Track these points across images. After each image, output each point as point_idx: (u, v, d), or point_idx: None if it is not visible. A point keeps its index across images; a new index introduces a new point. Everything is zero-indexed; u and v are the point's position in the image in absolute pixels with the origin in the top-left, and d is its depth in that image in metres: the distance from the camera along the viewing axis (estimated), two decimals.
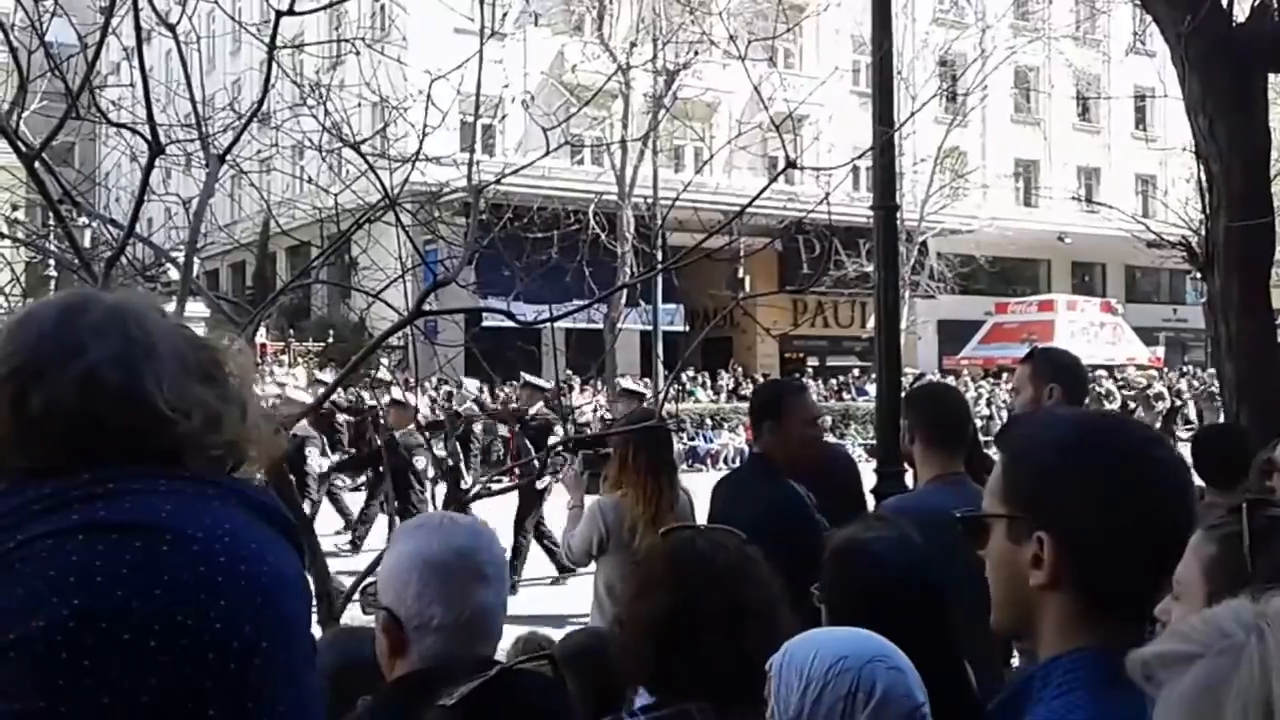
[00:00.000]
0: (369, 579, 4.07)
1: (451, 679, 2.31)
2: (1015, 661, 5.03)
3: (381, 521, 15.67)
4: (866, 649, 2.45)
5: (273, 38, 5.12)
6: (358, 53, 7.10)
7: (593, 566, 6.36)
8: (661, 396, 8.07)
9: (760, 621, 2.83)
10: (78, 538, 1.52)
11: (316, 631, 1.95)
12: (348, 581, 5.27)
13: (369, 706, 2.63)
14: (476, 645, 2.58)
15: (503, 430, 28.48)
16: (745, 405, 34.79)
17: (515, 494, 11.77)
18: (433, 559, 2.56)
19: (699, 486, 6.17)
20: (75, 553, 1.50)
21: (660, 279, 31.81)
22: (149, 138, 4.81)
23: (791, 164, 4.91)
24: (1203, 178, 8.06)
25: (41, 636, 1.44)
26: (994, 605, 2.08)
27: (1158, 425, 28.48)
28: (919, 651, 2.55)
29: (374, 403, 21.39)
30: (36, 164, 4.76)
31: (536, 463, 12.92)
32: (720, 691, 2.76)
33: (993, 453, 2.39)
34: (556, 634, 4.63)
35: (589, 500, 6.55)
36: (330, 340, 29.67)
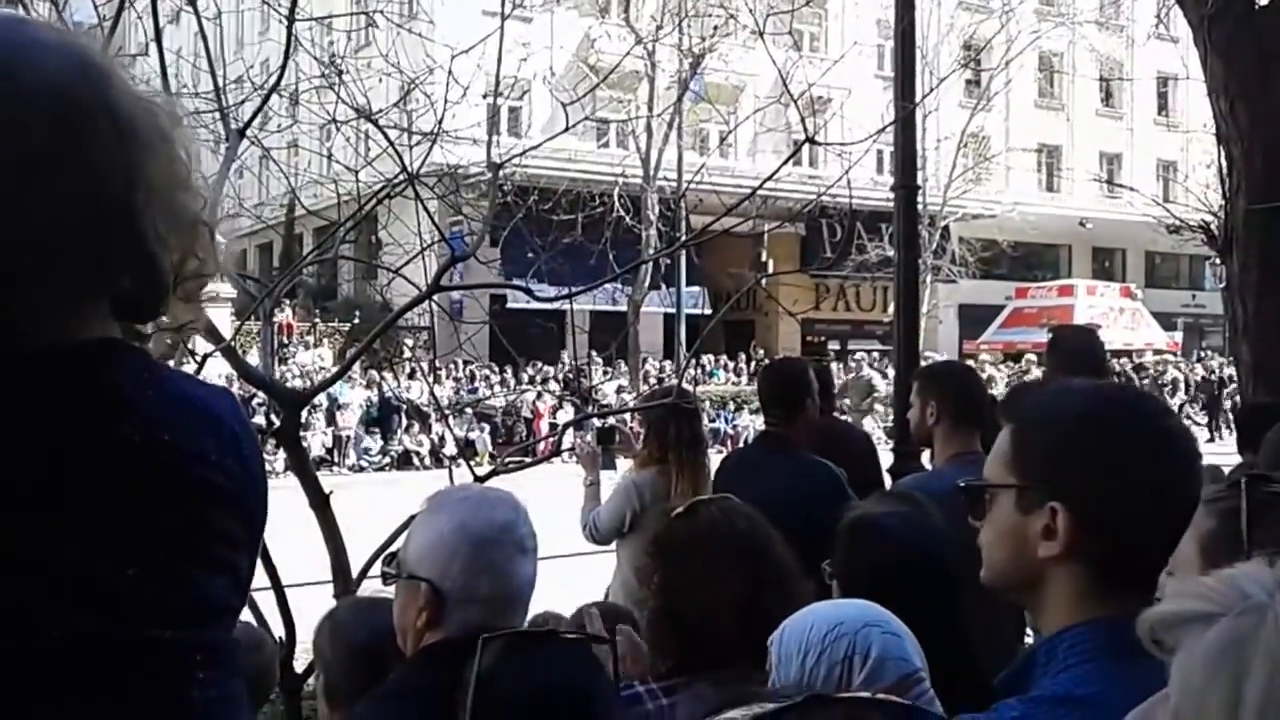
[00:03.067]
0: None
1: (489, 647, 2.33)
2: (1030, 639, 5.06)
3: None
4: (861, 616, 2.48)
5: (292, 10, 5.16)
6: (375, 25, 7.13)
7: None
8: (680, 376, 8.12)
9: (794, 581, 2.93)
10: None
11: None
12: None
13: (403, 673, 2.62)
14: (511, 617, 2.59)
15: (525, 411, 28.71)
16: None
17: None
18: (479, 532, 2.56)
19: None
20: None
21: (684, 263, 31.82)
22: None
23: (811, 139, 4.94)
24: (1223, 160, 8.06)
25: None
26: (993, 573, 2.08)
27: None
28: (927, 627, 2.58)
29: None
30: None
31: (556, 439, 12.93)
32: (738, 664, 2.82)
33: None
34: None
35: (606, 476, 6.59)
36: (356, 320, 29.77)
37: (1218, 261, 8.36)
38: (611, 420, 7.68)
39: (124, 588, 1.42)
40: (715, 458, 6.46)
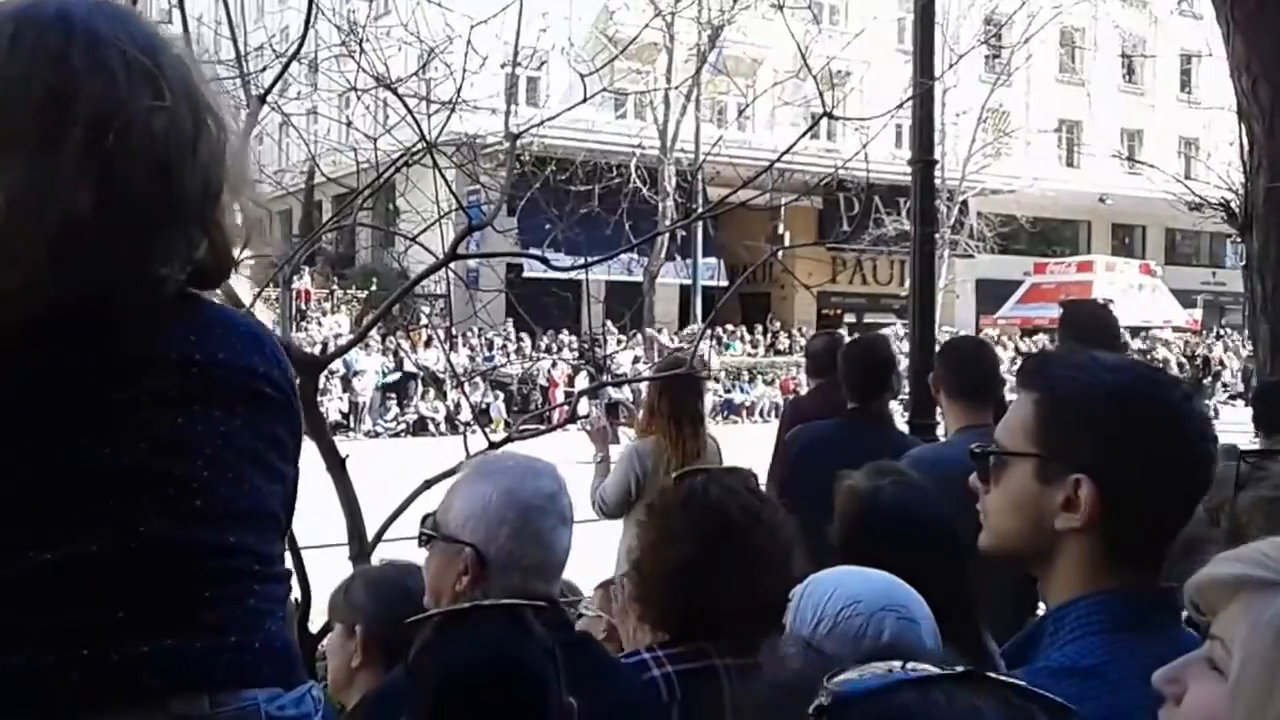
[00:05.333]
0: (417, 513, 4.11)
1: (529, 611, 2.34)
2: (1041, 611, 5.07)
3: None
4: (882, 595, 2.42)
5: None
6: None
7: None
8: (695, 347, 8.13)
9: (773, 566, 2.87)
10: None
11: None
12: None
13: (435, 629, 2.65)
14: (549, 585, 2.65)
15: (542, 380, 28.78)
16: (781, 359, 34.87)
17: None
18: (527, 501, 2.61)
19: (735, 439, 6.19)
20: None
21: (700, 234, 31.79)
22: None
23: (829, 114, 4.95)
24: (1244, 138, 8.02)
25: None
26: (998, 540, 2.08)
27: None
28: (926, 598, 2.56)
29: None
30: None
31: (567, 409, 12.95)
32: (735, 635, 2.81)
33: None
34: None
35: (614, 449, 6.63)
36: (374, 288, 29.82)
37: (1238, 239, 8.33)
38: (616, 394, 7.72)
39: (198, 488, 1.67)
40: (733, 429, 6.46)
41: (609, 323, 25.11)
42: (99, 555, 1.58)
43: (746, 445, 6.74)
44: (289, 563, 4.27)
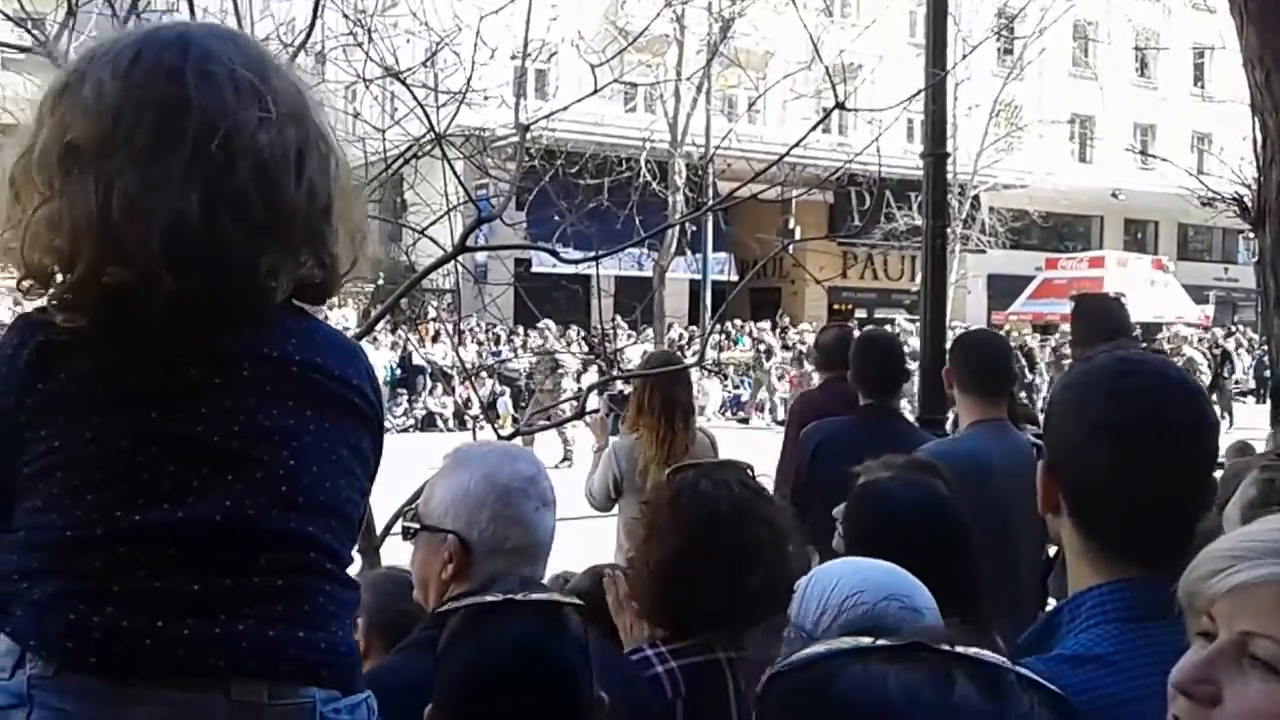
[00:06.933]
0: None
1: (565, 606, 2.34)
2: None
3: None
4: (885, 585, 2.44)
5: None
6: None
7: None
8: (703, 342, 8.11)
9: (766, 560, 2.86)
10: None
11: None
12: None
13: (429, 625, 2.64)
14: (535, 568, 2.66)
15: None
16: (790, 355, 34.80)
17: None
18: (506, 485, 2.62)
19: (744, 436, 6.18)
20: None
21: (710, 228, 31.75)
22: None
23: (840, 105, 4.91)
24: (1257, 132, 7.98)
25: None
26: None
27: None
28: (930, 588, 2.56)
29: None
30: None
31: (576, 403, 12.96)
32: (729, 628, 2.83)
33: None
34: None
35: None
36: (380, 281, 29.84)
37: (1251, 234, 8.30)
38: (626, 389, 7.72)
39: (284, 475, 1.77)
40: (740, 424, 6.45)
41: (618, 317, 25.10)
42: (184, 523, 1.68)
43: (752, 442, 6.71)
44: None
